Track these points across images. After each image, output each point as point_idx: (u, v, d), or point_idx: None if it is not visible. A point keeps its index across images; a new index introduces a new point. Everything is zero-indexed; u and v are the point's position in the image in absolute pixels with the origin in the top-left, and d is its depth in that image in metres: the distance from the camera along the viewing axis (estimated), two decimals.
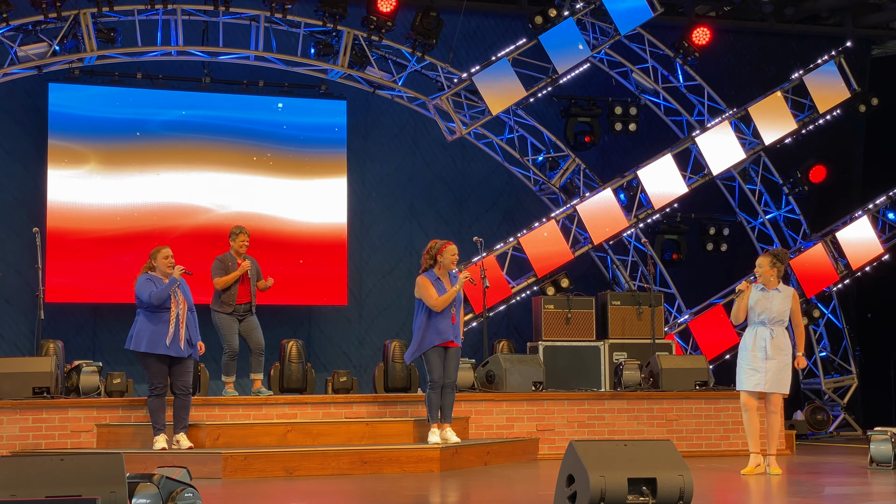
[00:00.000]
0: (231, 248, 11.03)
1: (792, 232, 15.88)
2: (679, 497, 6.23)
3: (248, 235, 11.10)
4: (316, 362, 13.50)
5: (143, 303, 9.53)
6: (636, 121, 15.50)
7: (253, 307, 11.06)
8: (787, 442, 12.00)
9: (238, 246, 10.99)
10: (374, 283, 15.17)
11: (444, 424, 10.00)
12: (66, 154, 13.73)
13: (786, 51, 16.84)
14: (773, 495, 8.10)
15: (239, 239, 11.00)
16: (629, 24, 14.76)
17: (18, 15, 12.90)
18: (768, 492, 8.25)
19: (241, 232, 11.04)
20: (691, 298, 15.48)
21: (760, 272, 9.39)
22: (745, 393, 9.37)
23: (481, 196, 15.72)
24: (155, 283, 9.54)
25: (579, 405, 11.65)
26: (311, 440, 10.23)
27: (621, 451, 6.31)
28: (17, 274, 13.45)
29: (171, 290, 9.49)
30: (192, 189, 14.17)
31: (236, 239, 11.01)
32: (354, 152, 15.06)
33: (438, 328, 9.78)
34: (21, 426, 10.11)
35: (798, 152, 15.89)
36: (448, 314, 9.81)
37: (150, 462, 8.89)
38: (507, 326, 15.33)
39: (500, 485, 8.81)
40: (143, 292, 9.51)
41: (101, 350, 13.74)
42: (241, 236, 11.01)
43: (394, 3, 13.81)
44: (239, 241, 11.00)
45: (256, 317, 11.09)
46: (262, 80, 14.52)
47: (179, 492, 5.91)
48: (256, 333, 11.03)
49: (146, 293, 9.49)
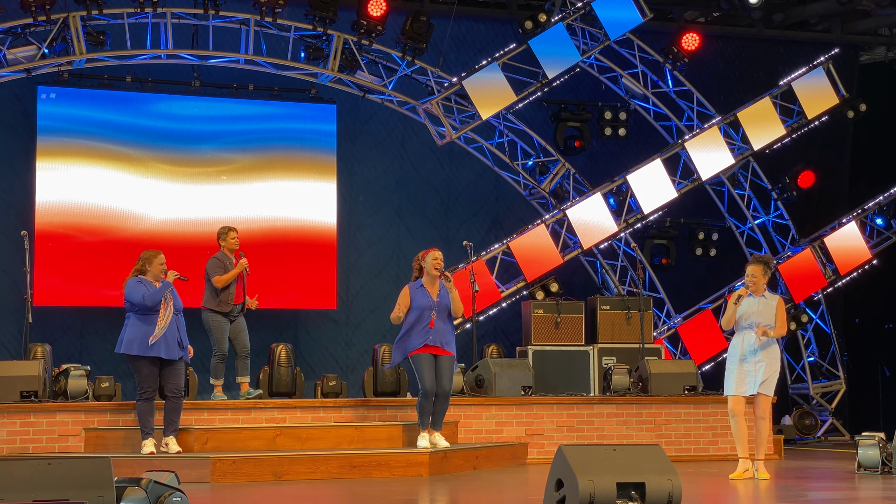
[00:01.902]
0: (222, 248, 10.99)
1: (780, 237, 15.93)
2: (668, 501, 6.24)
3: (237, 232, 11.08)
4: (303, 365, 13.48)
5: (135, 305, 9.49)
6: (626, 126, 15.54)
7: (244, 308, 11.05)
8: (775, 447, 12.01)
9: (230, 244, 10.95)
10: (361, 285, 15.18)
11: (433, 430, 10.01)
12: (55, 157, 13.69)
13: (774, 57, 16.89)
14: (761, 500, 8.11)
15: (229, 237, 10.97)
16: (619, 29, 14.79)
17: (7, 18, 12.87)
18: (756, 496, 8.27)
19: (231, 229, 11.03)
20: (680, 303, 15.51)
21: (754, 280, 9.43)
22: (732, 398, 9.41)
23: (469, 201, 15.73)
24: (146, 286, 9.51)
25: (568, 410, 11.66)
26: (300, 444, 10.21)
27: (610, 455, 6.32)
28: (4, 275, 13.42)
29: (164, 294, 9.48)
30: (179, 192, 14.14)
31: (226, 237, 10.97)
32: (343, 156, 15.06)
33: (418, 334, 9.79)
34: (9, 430, 10.08)
35: (787, 158, 15.94)
36: (427, 318, 9.80)
37: (139, 466, 8.86)
38: (496, 331, 15.33)
39: (489, 489, 8.81)
40: (136, 294, 9.47)
41: (88, 353, 13.70)
42: (231, 233, 10.99)
43: (384, 7, 13.81)
44: (230, 239, 10.96)
45: (244, 318, 11.08)
46: (251, 83, 14.51)
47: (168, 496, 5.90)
48: (243, 336, 11.00)
49: (139, 295, 9.45)
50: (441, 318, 9.87)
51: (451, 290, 9.87)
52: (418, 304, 9.81)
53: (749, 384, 9.32)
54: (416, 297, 9.84)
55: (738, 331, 9.46)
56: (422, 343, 9.79)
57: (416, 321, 9.82)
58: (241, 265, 10.85)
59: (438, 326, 9.83)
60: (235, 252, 11.00)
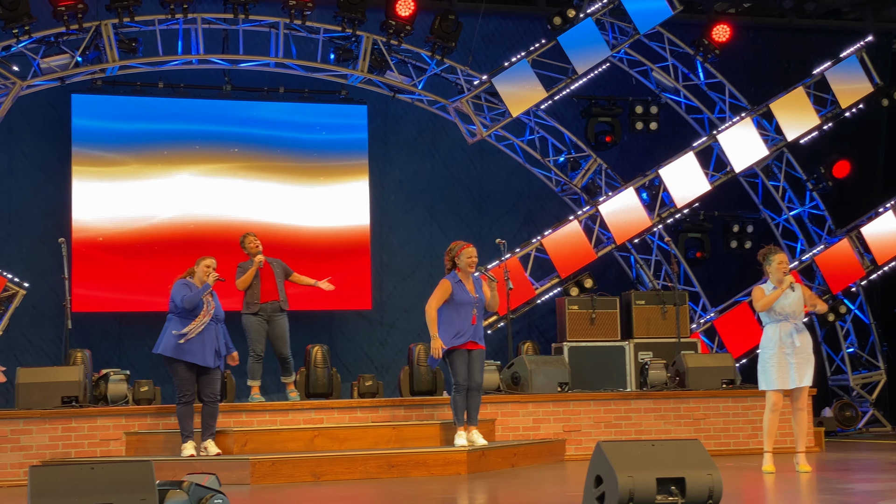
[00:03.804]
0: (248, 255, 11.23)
1: (816, 228, 15.80)
2: (708, 496, 6.20)
3: (256, 236, 11.32)
4: (339, 365, 13.52)
5: (177, 307, 9.61)
6: (657, 119, 15.47)
7: (283, 306, 11.16)
8: (816, 439, 11.95)
9: (250, 248, 11.21)
10: (395, 285, 15.20)
11: (470, 427, 10.02)
12: (90, 164, 13.80)
13: (806, 46, 16.76)
14: (804, 493, 8.06)
15: (247, 241, 11.24)
16: (648, 22, 14.73)
17: (41, 27, 12.98)
18: (798, 490, 8.21)
19: (248, 234, 11.32)
20: (716, 296, 15.42)
21: (786, 268, 9.33)
22: (774, 392, 9.28)
23: (501, 198, 15.71)
24: (190, 289, 9.63)
25: (605, 405, 11.63)
26: (338, 445, 10.25)
27: (649, 450, 6.29)
28: (42, 281, 13.53)
29: (202, 297, 9.56)
30: (214, 197, 14.22)
31: (244, 242, 11.25)
32: (375, 156, 15.08)
33: (456, 329, 9.80)
34: (51, 435, 10.17)
35: (821, 147, 15.81)
36: (468, 315, 9.83)
37: (179, 469, 8.92)
38: (531, 328, 15.32)
39: (527, 487, 8.79)
40: (177, 296, 9.61)
41: (126, 357, 13.80)
42: (249, 237, 11.26)
43: (412, 7, 13.81)
44: (248, 243, 11.21)
45: (286, 318, 11.19)
46: (282, 86, 14.57)
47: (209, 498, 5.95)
48: (280, 343, 11.20)
49: (179, 297, 9.58)
50: (479, 314, 9.93)
51: (493, 287, 9.96)
52: (459, 299, 9.82)
53: (791, 377, 9.21)
54: (457, 291, 9.82)
55: (771, 322, 9.36)
56: (464, 340, 9.81)
57: (455, 316, 9.81)
58: (255, 262, 11.07)
59: (477, 322, 9.89)
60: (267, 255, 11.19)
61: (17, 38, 12.76)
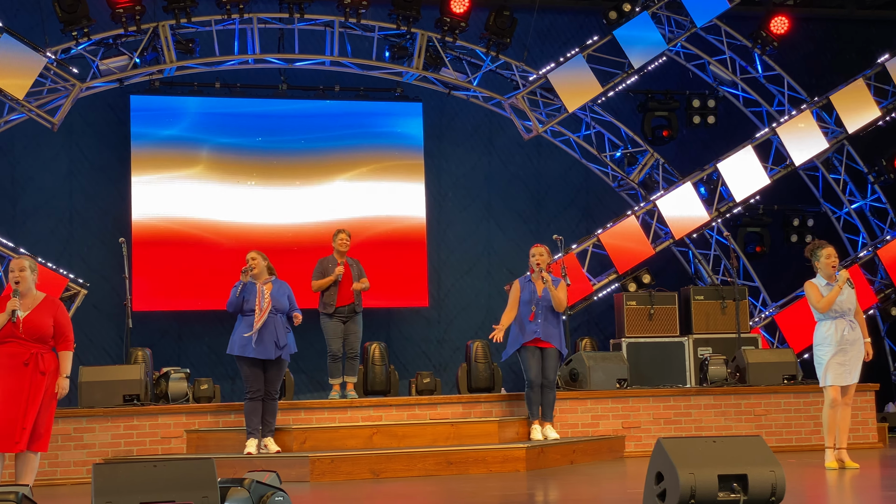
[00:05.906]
0: (334, 250, 11.31)
1: (878, 221, 15.56)
2: (771, 493, 6.12)
3: (348, 234, 11.39)
4: (396, 363, 13.55)
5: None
6: (714, 113, 15.35)
7: (357, 308, 11.22)
8: (880, 434, 11.81)
9: (338, 245, 11.30)
10: (452, 282, 15.19)
11: (544, 422, 10.36)
12: (149, 164, 13.94)
13: (866, 37, 16.50)
14: (867, 490, 7.93)
15: (338, 238, 11.33)
16: (705, 15, 14.60)
17: (99, 29, 13.13)
18: (861, 486, 8.09)
19: (341, 231, 11.39)
20: (776, 291, 15.24)
21: (835, 262, 9.31)
22: (834, 388, 9.22)
23: (559, 194, 15.65)
24: (236, 290, 9.67)
25: (665, 402, 11.55)
26: (397, 442, 10.27)
27: (710, 447, 6.21)
28: (103, 281, 13.69)
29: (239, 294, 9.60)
30: (271, 196, 14.29)
31: (335, 239, 11.34)
32: (431, 153, 15.09)
33: (523, 328, 10.23)
34: (113, 433, 10.29)
35: (882, 140, 15.57)
36: (528, 313, 10.23)
37: (240, 466, 9.00)
38: (589, 324, 15.25)
39: (587, 483, 8.75)
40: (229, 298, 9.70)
41: (186, 356, 13.93)
42: (340, 235, 11.33)
43: (467, 3, 13.80)
44: (338, 241, 11.31)
45: (361, 318, 11.27)
46: (337, 84, 14.62)
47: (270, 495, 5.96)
48: (351, 339, 11.31)
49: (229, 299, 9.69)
50: (543, 313, 10.18)
51: (549, 286, 10.19)
52: (523, 298, 10.27)
53: (848, 374, 9.22)
54: (524, 291, 10.28)
55: (825, 319, 9.29)
56: (528, 338, 10.21)
57: (522, 314, 10.25)
58: (335, 273, 11.08)
59: (541, 321, 10.14)
60: (346, 254, 11.29)
61: (77, 40, 12.92)
